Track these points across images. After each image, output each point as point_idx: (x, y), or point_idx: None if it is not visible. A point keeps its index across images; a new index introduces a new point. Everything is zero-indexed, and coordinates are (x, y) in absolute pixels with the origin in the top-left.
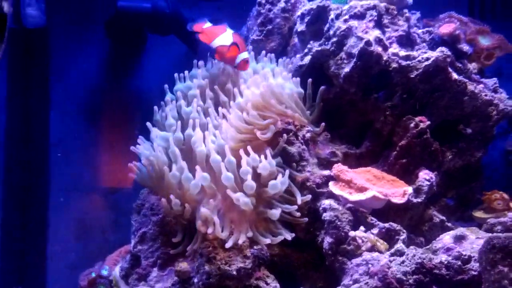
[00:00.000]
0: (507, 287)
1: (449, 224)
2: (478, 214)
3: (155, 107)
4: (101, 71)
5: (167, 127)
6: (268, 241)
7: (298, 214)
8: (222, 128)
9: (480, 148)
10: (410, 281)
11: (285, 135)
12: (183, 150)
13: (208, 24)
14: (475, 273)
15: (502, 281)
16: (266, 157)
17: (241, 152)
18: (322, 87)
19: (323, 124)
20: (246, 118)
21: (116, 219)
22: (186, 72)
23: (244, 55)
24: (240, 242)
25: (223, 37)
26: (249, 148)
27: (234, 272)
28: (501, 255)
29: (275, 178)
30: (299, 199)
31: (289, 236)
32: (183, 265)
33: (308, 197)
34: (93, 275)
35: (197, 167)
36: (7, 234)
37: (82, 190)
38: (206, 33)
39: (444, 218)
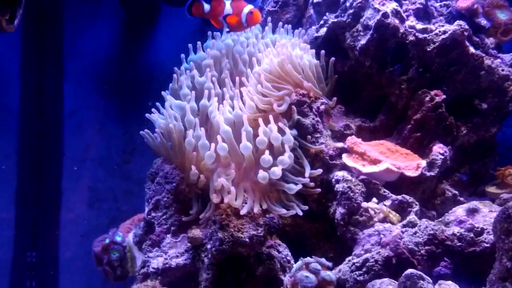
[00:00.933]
0: None
1: (462, 199)
2: (491, 189)
3: (174, 75)
4: (114, 42)
5: (182, 97)
6: (283, 211)
7: (311, 184)
8: (239, 98)
9: (495, 124)
10: (422, 251)
11: (294, 107)
12: (197, 120)
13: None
14: (488, 245)
15: None
16: (278, 128)
17: (245, 118)
18: (332, 59)
19: (334, 98)
20: (261, 90)
21: (129, 188)
22: (199, 43)
23: (246, 9)
24: (255, 210)
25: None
26: (261, 120)
27: (247, 239)
28: None
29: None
30: (307, 173)
31: (300, 211)
32: (195, 232)
33: (319, 171)
34: (107, 241)
35: (218, 137)
36: (22, 202)
37: (95, 159)
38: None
39: (456, 192)
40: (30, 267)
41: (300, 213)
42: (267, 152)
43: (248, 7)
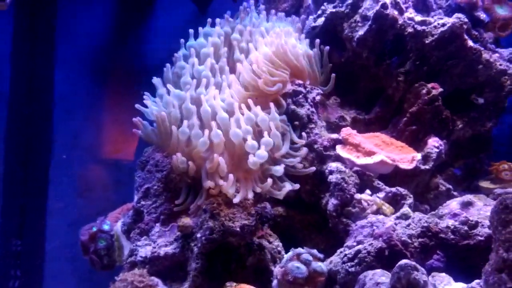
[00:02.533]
0: None
1: (455, 193)
2: (485, 184)
3: (168, 64)
4: (108, 28)
5: (182, 85)
6: (270, 182)
7: (299, 165)
8: (232, 85)
9: (491, 118)
10: (415, 244)
11: (279, 97)
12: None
13: None
14: (482, 238)
15: None
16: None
17: (236, 106)
18: (327, 47)
19: (333, 75)
20: (256, 70)
21: (118, 177)
22: (200, 28)
23: None
24: (249, 196)
25: None
26: (250, 101)
27: (238, 229)
28: None
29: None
30: (283, 151)
31: (291, 186)
32: (186, 220)
33: (312, 169)
34: (94, 229)
35: (213, 123)
36: (8, 189)
37: (85, 147)
38: None
39: (450, 187)
40: (15, 255)
41: (291, 188)
42: (249, 137)
43: None
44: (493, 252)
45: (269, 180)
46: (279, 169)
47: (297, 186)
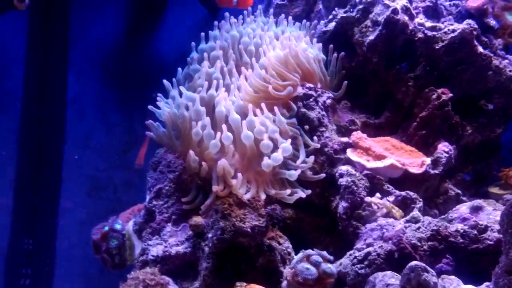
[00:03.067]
0: None
1: (464, 198)
2: (494, 190)
3: (179, 69)
4: (120, 30)
5: (197, 87)
6: (288, 191)
7: (309, 173)
8: (241, 88)
9: (500, 125)
10: (425, 247)
11: (297, 104)
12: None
13: None
14: (491, 242)
15: None
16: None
17: (251, 108)
18: (342, 53)
19: (345, 82)
20: (266, 76)
21: (129, 179)
22: (210, 32)
23: None
24: (262, 197)
25: None
26: (263, 105)
27: (249, 230)
28: None
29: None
30: (300, 160)
31: (303, 194)
32: (197, 219)
33: (322, 175)
34: (106, 228)
35: (223, 126)
36: (21, 188)
37: (96, 148)
38: None
39: (459, 192)
40: (26, 254)
41: (304, 195)
42: (266, 136)
43: None
44: (503, 255)
45: (287, 191)
46: (293, 174)
47: (308, 192)
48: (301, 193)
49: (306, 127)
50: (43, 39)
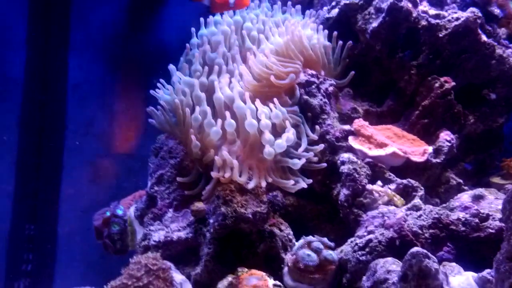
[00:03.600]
0: None
1: (466, 188)
2: (496, 180)
3: (182, 58)
4: (122, 16)
5: (192, 72)
6: (291, 182)
7: (315, 159)
8: (243, 76)
9: (503, 114)
10: (426, 235)
11: (295, 85)
12: (206, 96)
13: None
14: (493, 231)
15: None
16: (276, 106)
17: (247, 96)
18: (349, 42)
19: (352, 72)
20: (267, 63)
21: (130, 165)
22: (211, 17)
23: None
24: (263, 184)
25: None
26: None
27: (250, 216)
28: None
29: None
30: (302, 148)
31: (305, 184)
32: (199, 205)
33: (323, 165)
34: (108, 214)
35: (227, 113)
36: (22, 174)
37: (97, 134)
38: None
39: (461, 181)
40: (28, 240)
41: (305, 186)
42: (267, 131)
43: None
44: (505, 241)
45: (290, 181)
46: (297, 163)
47: (309, 181)
48: (303, 184)
49: (309, 114)
50: (44, 25)
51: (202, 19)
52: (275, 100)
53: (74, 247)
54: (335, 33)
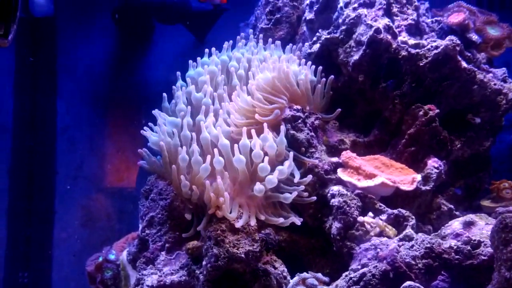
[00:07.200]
0: None
1: (457, 213)
2: (486, 203)
3: (164, 94)
4: (108, 60)
5: (177, 112)
6: (280, 219)
7: (305, 194)
8: (230, 113)
9: (488, 138)
10: (419, 265)
11: (282, 126)
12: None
13: None
14: (485, 258)
15: None
16: (270, 137)
17: (244, 131)
18: (331, 76)
19: (339, 110)
20: (252, 102)
21: (122, 207)
22: (198, 58)
23: None
24: (252, 223)
25: None
26: (253, 132)
27: (243, 255)
28: None
29: (282, 160)
30: (297, 178)
31: (298, 220)
32: (193, 243)
33: (313, 198)
34: (100, 259)
35: (215, 150)
36: (13, 220)
37: (88, 177)
38: None
39: (452, 206)
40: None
41: (298, 222)
42: (266, 159)
43: None
44: (496, 272)
45: (280, 219)
46: (289, 197)
47: (301, 219)
48: (296, 220)
49: (303, 149)
50: (31, 72)
51: (190, 61)
52: (268, 131)
53: None
54: (319, 67)
